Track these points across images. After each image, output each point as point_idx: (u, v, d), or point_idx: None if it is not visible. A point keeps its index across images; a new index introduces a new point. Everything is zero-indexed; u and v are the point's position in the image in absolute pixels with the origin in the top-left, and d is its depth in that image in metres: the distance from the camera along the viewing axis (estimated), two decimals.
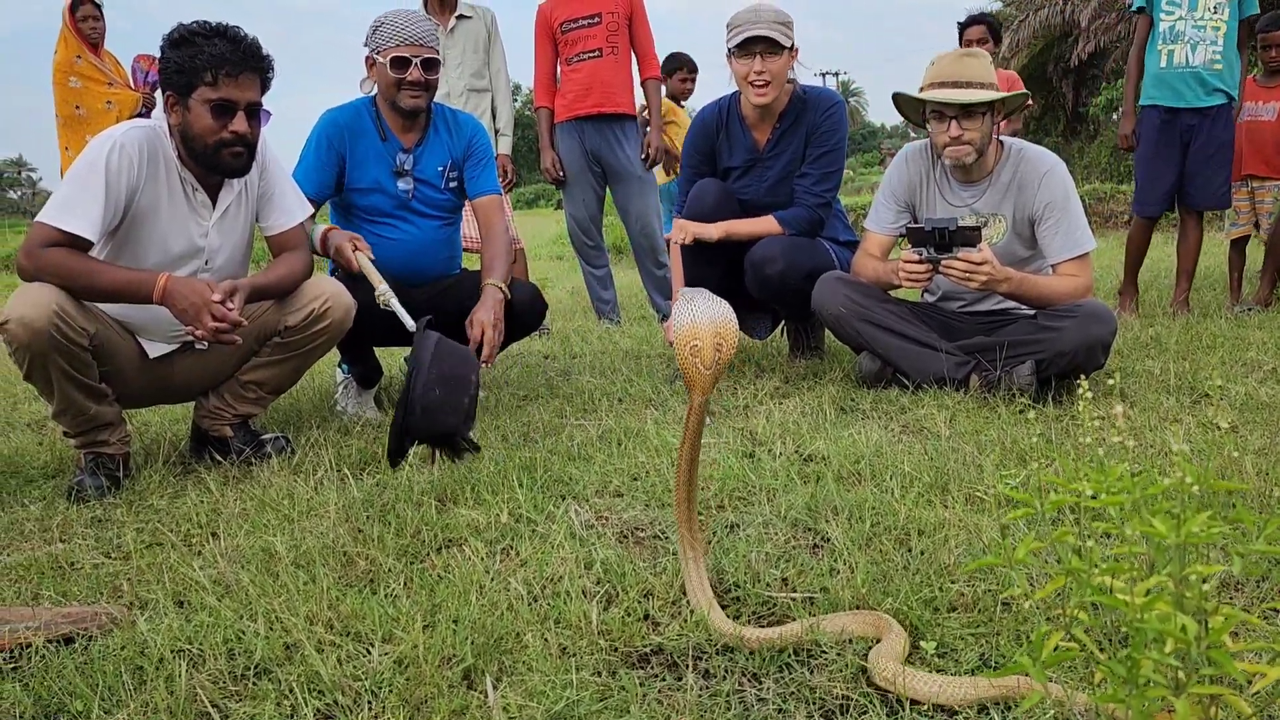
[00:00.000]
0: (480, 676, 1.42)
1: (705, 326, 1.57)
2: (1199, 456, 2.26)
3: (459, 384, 2.56)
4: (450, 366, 2.56)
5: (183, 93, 2.50)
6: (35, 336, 2.32)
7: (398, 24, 3.17)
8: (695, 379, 1.59)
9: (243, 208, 2.75)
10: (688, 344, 1.58)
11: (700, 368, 1.58)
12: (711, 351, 1.57)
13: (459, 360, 2.63)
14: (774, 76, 3.40)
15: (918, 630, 1.49)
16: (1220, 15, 4.60)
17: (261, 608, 1.65)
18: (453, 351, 2.62)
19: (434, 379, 2.50)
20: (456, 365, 2.60)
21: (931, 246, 3.02)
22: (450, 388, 2.53)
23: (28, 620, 1.61)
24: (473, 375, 2.63)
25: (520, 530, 2.01)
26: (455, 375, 2.57)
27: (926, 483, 2.17)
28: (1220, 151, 4.67)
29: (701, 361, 1.58)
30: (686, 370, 1.60)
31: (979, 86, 3.11)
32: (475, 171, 3.36)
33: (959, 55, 3.18)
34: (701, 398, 1.60)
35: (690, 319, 1.59)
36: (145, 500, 2.43)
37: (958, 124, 3.12)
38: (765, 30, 3.35)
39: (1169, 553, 0.78)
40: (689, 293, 1.65)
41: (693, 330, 1.58)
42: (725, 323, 1.59)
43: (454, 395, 2.55)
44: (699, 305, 1.60)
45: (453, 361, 2.59)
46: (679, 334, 1.59)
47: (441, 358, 2.56)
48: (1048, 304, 3.09)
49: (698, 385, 1.59)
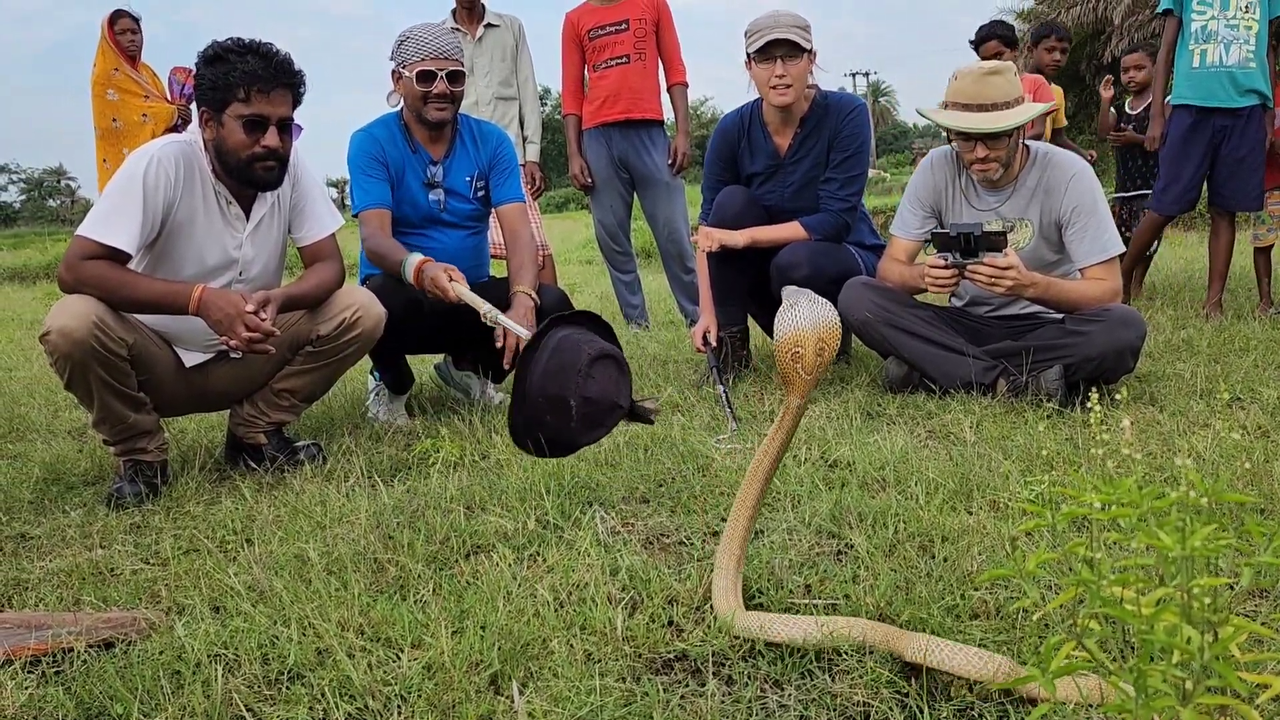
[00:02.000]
0: (507, 682, 1.45)
1: (808, 331, 1.55)
2: (1226, 461, 2.24)
3: (560, 409, 2.15)
4: (549, 388, 2.16)
5: (217, 108, 2.56)
6: (76, 347, 2.39)
7: (423, 38, 3.22)
8: (795, 382, 1.56)
9: (276, 219, 2.80)
10: (789, 350, 1.55)
11: (801, 373, 1.55)
12: (814, 356, 1.55)
13: (557, 380, 2.17)
14: (795, 79, 3.42)
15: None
16: (1252, 14, 4.55)
17: (294, 613, 1.69)
18: (555, 369, 2.18)
19: (542, 404, 2.16)
20: (554, 386, 2.16)
21: (957, 251, 3.02)
22: (554, 412, 2.15)
23: (69, 625, 1.65)
24: (569, 395, 2.13)
25: (547, 537, 2.04)
26: (555, 398, 2.15)
27: (951, 489, 2.18)
28: (1253, 153, 4.62)
29: (803, 366, 1.55)
30: (786, 374, 1.57)
31: (1004, 106, 3.09)
32: (500, 180, 3.40)
33: (981, 74, 3.13)
34: (800, 400, 1.57)
35: (793, 324, 1.56)
36: (182, 507, 2.49)
37: (983, 146, 3.11)
38: (785, 34, 3.37)
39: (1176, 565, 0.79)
40: (792, 293, 1.62)
41: (796, 336, 1.55)
42: (828, 325, 1.56)
43: (559, 419, 2.14)
44: (802, 309, 1.57)
45: (552, 383, 2.17)
46: (780, 340, 1.56)
47: (548, 377, 2.17)
48: (1075, 308, 3.08)
49: (797, 389, 1.57)
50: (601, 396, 2.15)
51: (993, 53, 5.41)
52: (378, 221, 3.22)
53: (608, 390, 2.17)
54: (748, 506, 1.64)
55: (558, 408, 2.13)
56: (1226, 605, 0.84)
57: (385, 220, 3.24)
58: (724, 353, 3.61)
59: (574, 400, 2.12)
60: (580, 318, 2.30)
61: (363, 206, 3.24)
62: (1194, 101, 4.63)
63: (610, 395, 2.17)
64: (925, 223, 3.39)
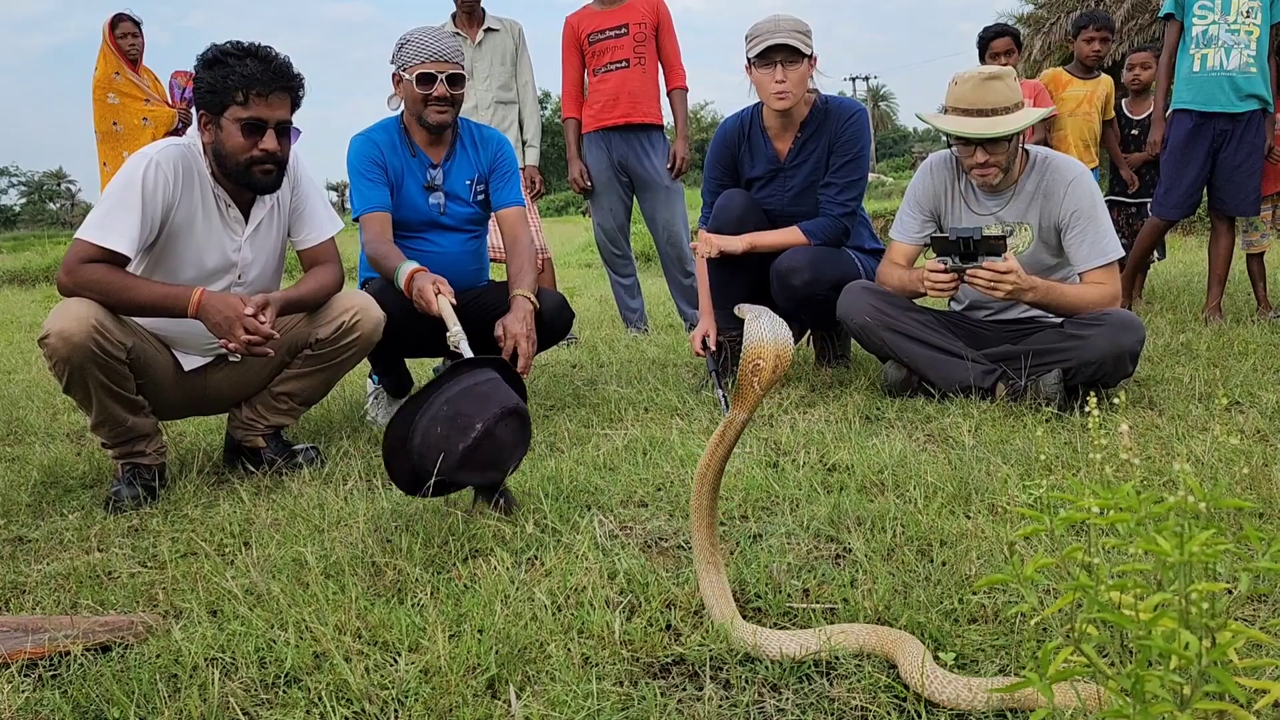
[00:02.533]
0: (504, 686, 1.45)
1: (769, 347, 1.57)
2: (1225, 466, 2.24)
3: (460, 426, 2.18)
4: (465, 407, 2.21)
5: (215, 112, 2.56)
6: (75, 350, 2.39)
7: (423, 41, 3.22)
8: (748, 396, 1.59)
9: (275, 223, 2.80)
10: (752, 360, 1.58)
11: (757, 386, 1.58)
12: (770, 372, 1.58)
13: (478, 404, 2.24)
14: (794, 84, 3.42)
15: (938, 642, 1.50)
16: (1253, 19, 4.55)
17: (292, 617, 1.69)
18: (478, 395, 2.26)
19: (440, 415, 2.20)
20: (469, 407, 2.22)
21: (956, 256, 3.02)
22: (451, 427, 2.18)
23: (66, 629, 1.65)
24: (480, 424, 2.18)
25: (545, 540, 2.04)
26: (461, 414, 2.20)
27: (949, 493, 2.18)
28: (1251, 158, 4.63)
29: (760, 381, 1.58)
30: (743, 385, 1.60)
31: (1004, 111, 3.09)
32: (500, 184, 3.41)
33: (981, 79, 3.13)
34: (746, 414, 1.60)
35: (759, 338, 1.58)
36: (180, 510, 2.48)
37: (983, 151, 3.11)
38: (785, 39, 3.37)
39: (1174, 570, 0.79)
40: (754, 310, 1.65)
41: (759, 349, 1.58)
42: (785, 345, 1.60)
43: (452, 437, 2.17)
44: (764, 322, 1.60)
45: (470, 404, 2.22)
46: (746, 349, 1.59)
47: (463, 397, 2.23)
48: (1074, 312, 3.08)
49: (748, 401, 1.59)
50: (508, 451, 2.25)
51: (1003, 49, 5.37)
52: (378, 226, 3.22)
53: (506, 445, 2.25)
54: (703, 519, 1.64)
55: (454, 425, 2.20)
56: (1225, 611, 0.83)
57: (386, 225, 3.23)
58: (723, 357, 3.61)
59: (479, 425, 2.19)
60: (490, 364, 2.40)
61: (362, 210, 3.24)
62: (1194, 106, 4.64)
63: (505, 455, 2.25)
64: (925, 227, 3.39)
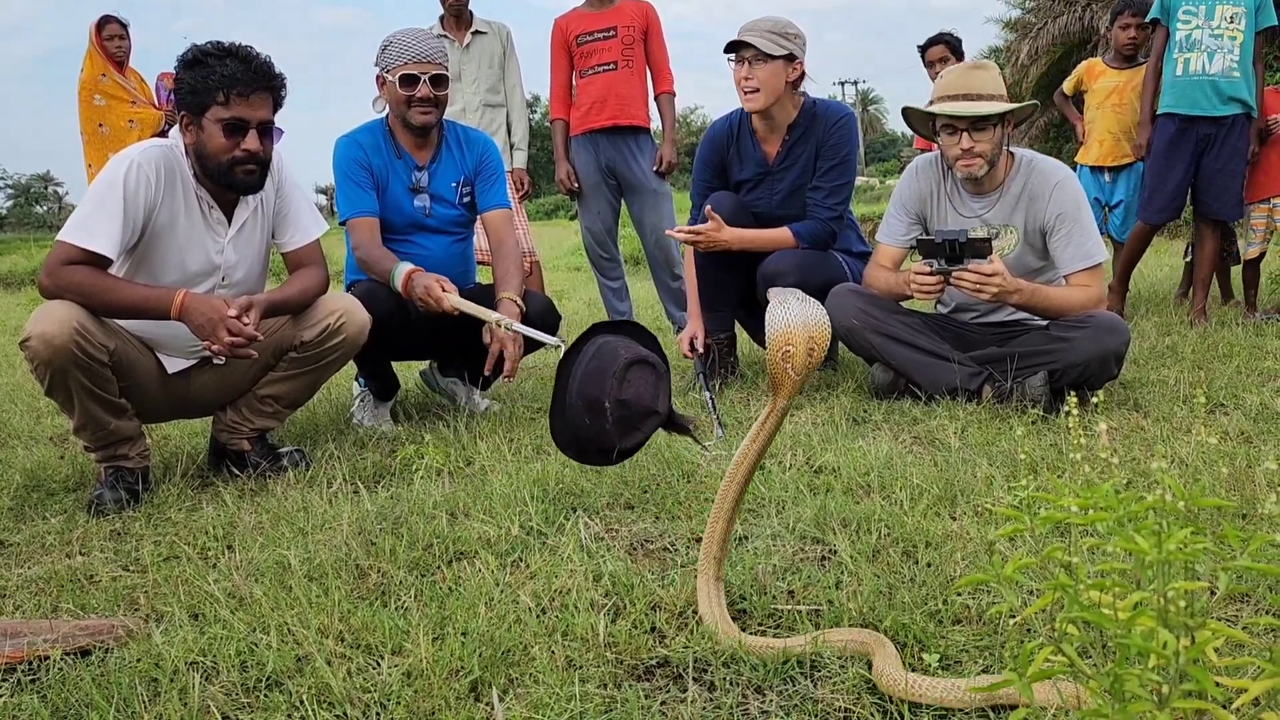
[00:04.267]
0: (487, 689, 1.44)
1: (799, 330, 1.52)
2: (1207, 466, 2.25)
3: (596, 411, 2.07)
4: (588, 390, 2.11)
5: (196, 112, 2.55)
6: (56, 353, 2.37)
7: (406, 42, 3.21)
8: (784, 383, 1.53)
9: (258, 225, 2.79)
10: (780, 349, 1.52)
11: (791, 372, 1.53)
12: (804, 356, 1.52)
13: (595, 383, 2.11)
14: (762, 84, 3.41)
15: (922, 643, 1.50)
16: (1237, 25, 4.58)
17: (274, 620, 1.67)
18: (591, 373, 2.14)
19: (580, 409, 2.11)
20: (592, 388, 2.10)
21: (942, 258, 3.03)
22: (592, 414, 2.08)
23: (45, 633, 1.64)
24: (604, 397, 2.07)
25: (530, 543, 2.03)
26: (593, 400, 2.08)
27: (935, 495, 2.18)
28: (1233, 161, 4.65)
29: (793, 366, 1.52)
30: (776, 374, 1.54)
31: (989, 98, 3.12)
32: (486, 186, 3.40)
33: (968, 68, 3.19)
34: (786, 400, 1.55)
35: (784, 322, 1.53)
36: (163, 513, 2.47)
37: (968, 136, 3.13)
38: (750, 36, 3.39)
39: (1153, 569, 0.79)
40: (781, 293, 1.59)
41: (787, 334, 1.52)
42: (819, 325, 1.54)
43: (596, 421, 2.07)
44: (793, 307, 1.54)
45: (590, 385, 2.11)
46: (772, 338, 1.54)
47: (586, 380, 2.12)
48: (1060, 315, 3.09)
49: (785, 389, 1.54)
50: (636, 400, 2.14)
51: (938, 58, 5.53)
52: (368, 231, 3.21)
53: (643, 395, 2.15)
54: (726, 509, 1.62)
55: (594, 410, 2.12)
56: (1205, 610, 0.83)
57: (374, 229, 3.23)
58: (711, 359, 3.61)
59: (609, 402, 2.12)
60: (623, 327, 2.29)
61: (350, 214, 3.23)
62: (1178, 110, 4.66)
63: (645, 400, 2.16)
64: (911, 229, 3.40)
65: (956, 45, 5.66)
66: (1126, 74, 5.28)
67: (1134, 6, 5.25)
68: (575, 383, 2.10)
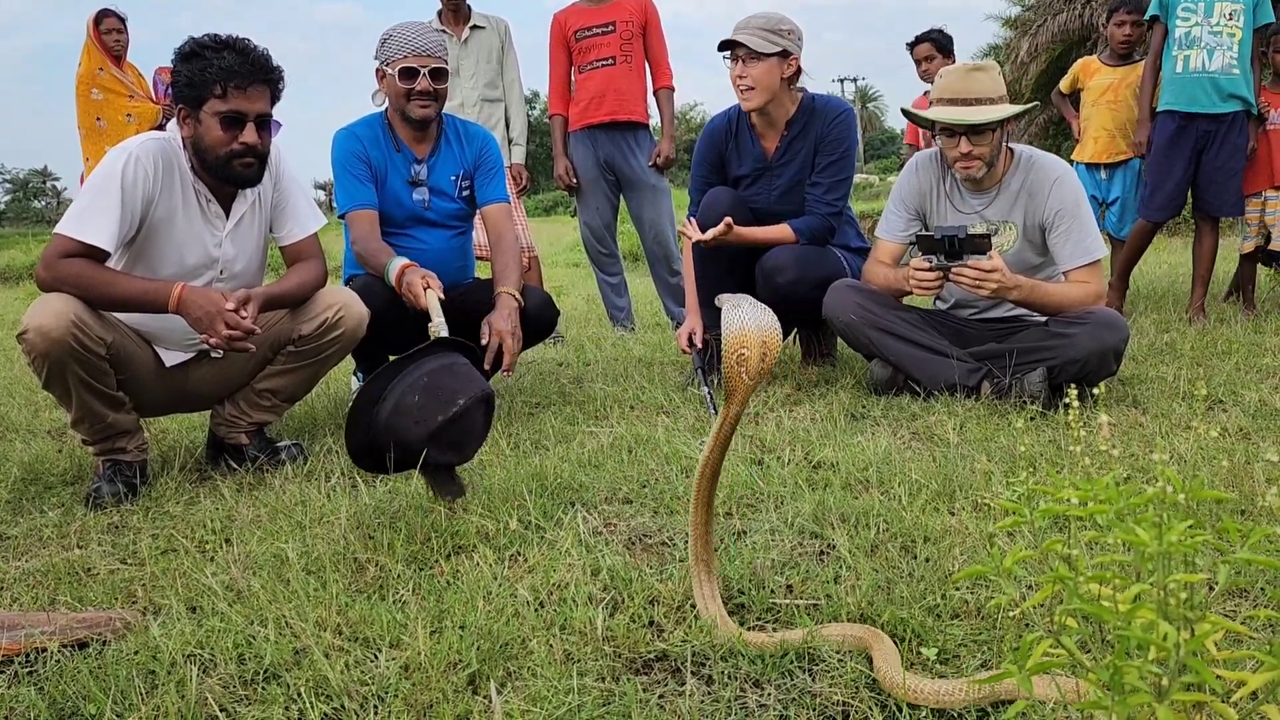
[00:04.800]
0: (485, 682, 1.44)
1: (753, 334, 1.54)
2: (1206, 462, 2.25)
3: (441, 399, 2.19)
4: (444, 381, 2.23)
5: (193, 105, 2.54)
6: (54, 346, 2.36)
7: (405, 35, 3.21)
8: (737, 387, 1.56)
9: (256, 218, 2.78)
10: (735, 352, 1.54)
11: (745, 376, 1.55)
12: (758, 361, 1.54)
13: (463, 377, 2.27)
14: (756, 82, 3.41)
15: (920, 638, 1.50)
16: (1235, 22, 4.57)
17: (272, 613, 1.67)
18: (459, 374, 2.28)
19: (423, 384, 2.19)
20: (450, 380, 2.24)
21: (941, 254, 3.02)
22: (431, 398, 2.19)
23: (43, 625, 1.63)
24: (462, 399, 2.21)
25: (529, 537, 2.03)
26: (446, 388, 2.22)
27: (934, 490, 2.18)
28: (1233, 159, 4.65)
29: (747, 370, 1.54)
30: (730, 378, 1.56)
31: (988, 102, 3.10)
32: (485, 180, 3.39)
33: (967, 70, 3.16)
34: (739, 407, 1.57)
35: (739, 326, 1.55)
36: (161, 507, 2.46)
37: (967, 141, 3.11)
38: (742, 35, 3.39)
39: (1153, 561, 0.79)
40: (734, 298, 1.61)
41: (740, 338, 1.54)
42: (771, 331, 1.56)
43: (429, 407, 2.18)
44: (745, 311, 1.56)
45: (450, 378, 2.25)
46: (727, 341, 1.56)
47: (441, 373, 2.24)
48: (1059, 311, 3.09)
49: (739, 394, 1.56)
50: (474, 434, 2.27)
51: (924, 55, 5.56)
52: (366, 224, 3.20)
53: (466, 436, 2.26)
54: (700, 514, 1.64)
55: (438, 396, 2.20)
56: (1203, 603, 0.83)
57: (373, 223, 3.22)
58: (709, 354, 3.61)
59: (462, 401, 2.21)
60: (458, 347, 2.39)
61: (348, 208, 3.22)
62: (1177, 107, 4.66)
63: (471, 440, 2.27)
64: (910, 225, 3.39)
65: (944, 43, 5.66)
66: (1121, 71, 5.28)
67: (1130, 4, 5.24)
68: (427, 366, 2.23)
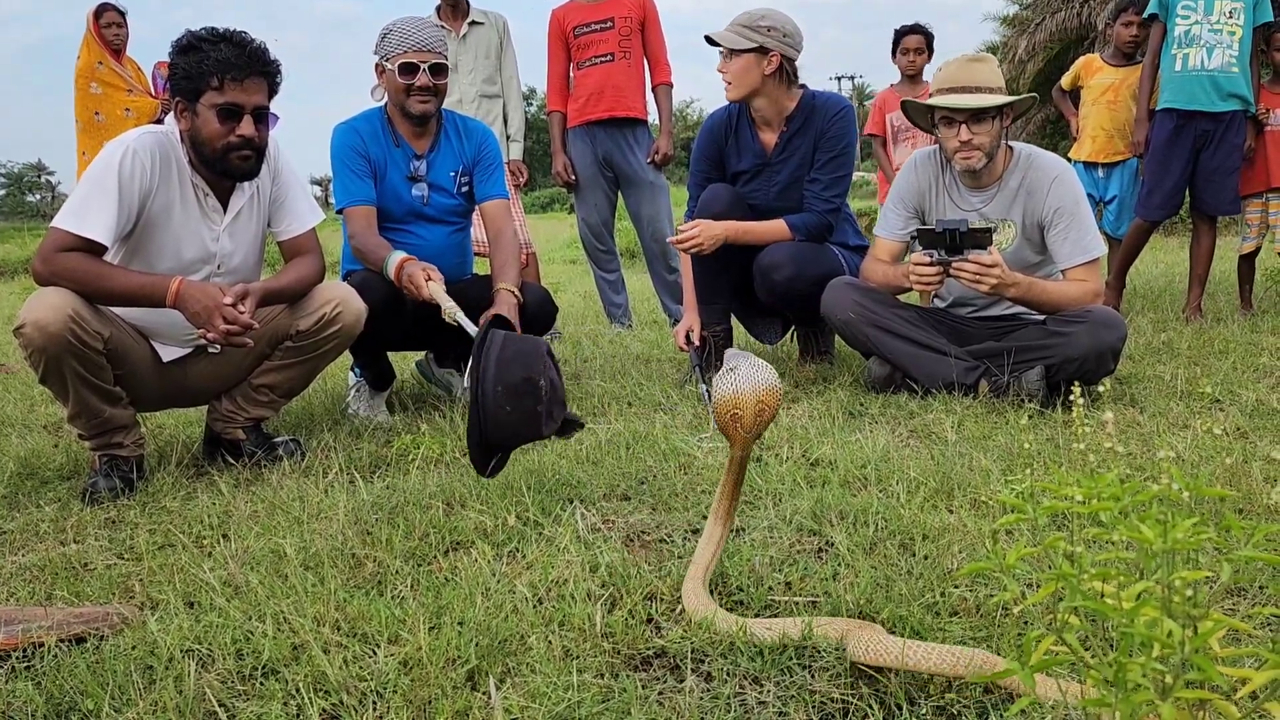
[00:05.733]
0: (484, 678, 1.43)
1: (748, 394, 1.60)
2: (1205, 461, 2.25)
3: (526, 391, 2.21)
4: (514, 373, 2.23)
5: (191, 98, 2.53)
6: (51, 340, 2.36)
7: (406, 31, 3.20)
8: (736, 439, 1.63)
9: (254, 212, 2.77)
10: (729, 411, 1.61)
11: (741, 431, 1.62)
12: (753, 417, 1.61)
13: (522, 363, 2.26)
14: (734, 77, 3.46)
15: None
16: (1235, 20, 4.57)
17: (270, 609, 1.67)
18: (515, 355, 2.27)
19: (501, 395, 2.20)
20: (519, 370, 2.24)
21: (942, 248, 3.02)
22: (517, 398, 2.20)
23: (40, 620, 1.63)
24: (538, 375, 2.22)
25: (527, 533, 2.03)
26: (521, 382, 2.22)
27: (932, 488, 2.18)
28: (1231, 158, 4.65)
29: (742, 426, 1.61)
30: (727, 431, 1.63)
31: (988, 91, 3.11)
32: (484, 176, 3.39)
33: (966, 60, 3.18)
34: (741, 453, 1.64)
35: (733, 389, 1.61)
36: (158, 502, 2.46)
37: (967, 129, 3.12)
38: (718, 33, 3.45)
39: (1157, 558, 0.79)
40: (732, 357, 1.68)
41: (735, 400, 1.61)
42: (769, 388, 1.62)
43: (523, 405, 2.21)
44: (741, 373, 1.62)
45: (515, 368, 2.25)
46: (720, 403, 1.62)
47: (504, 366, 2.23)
48: (1057, 309, 3.09)
49: (738, 443, 1.63)
50: (559, 384, 2.21)
51: (914, 46, 5.58)
52: (365, 220, 3.20)
53: (558, 382, 2.24)
54: (713, 543, 1.68)
55: (520, 393, 2.17)
56: (1206, 600, 0.83)
57: (371, 218, 3.22)
58: (707, 352, 3.61)
59: (543, 381, 2.18)
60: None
61: (347, 203, 3.22)
62: (1176, 105, 4.66)
63: (560, 389, 2.23)
64: (909, 223, 3.39)
65: (931, 38, 5.68)
66: (1123, 72, 5.27)
67: (1139, 4, 5.23)
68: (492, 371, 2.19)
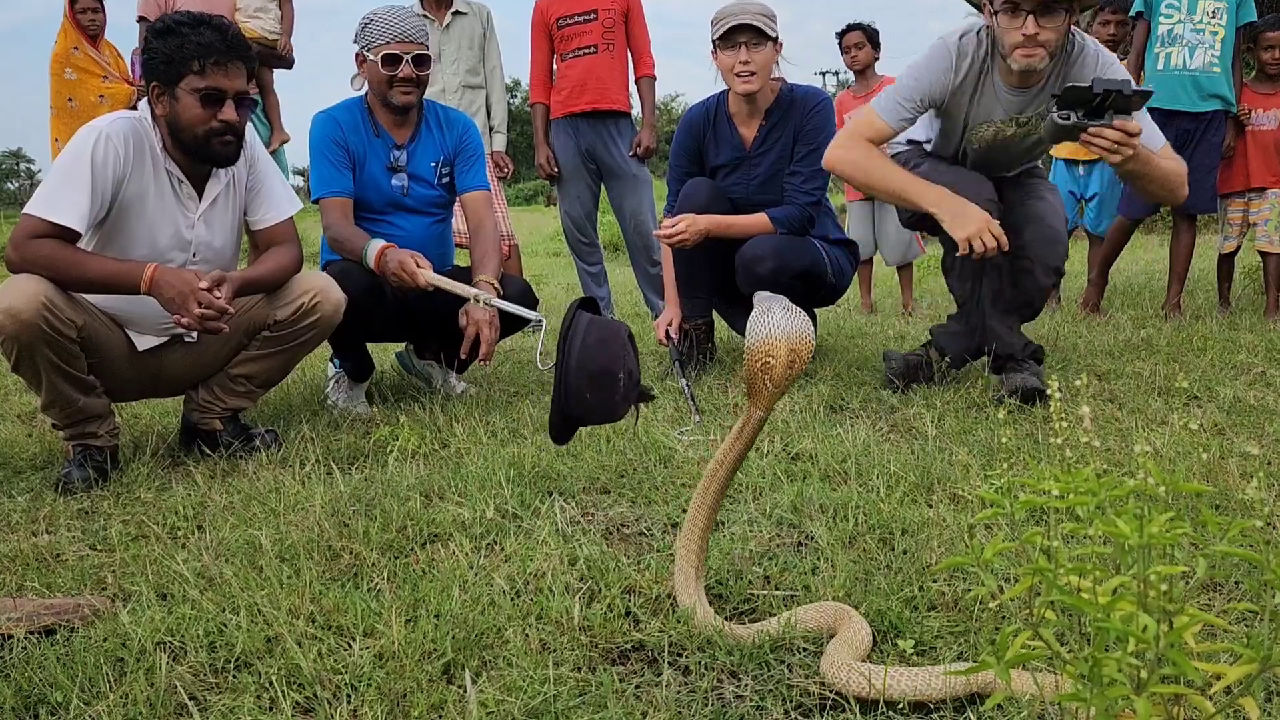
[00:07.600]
0: (460, 671, 1.42)
1: (781, 342, 1.46)
2: (1182, 457, 2.26)
3: (606, 383, 2.09)
4: (596, 361, 2.09)
5: (169, 82, 2.50)
6: (23, 328, 2.32)
7: (388, 21, 3.17)
8: (761, 394, 1.48)
9: (230, 201, 2.74)
10: (760, 360, 1.47)
11: (769, 384, 1.47)
12: (784, 369, 1.46)
13: (604, 351, 2.11)
14: (759, 67, 3.42)
15: (897, 629, 1.50)
16: (1219, 20, 4.60)
17: (244, 601, 1.65)
18: (598, 342, 2.12)
19: (584, 380, 2.08)
20: (602, 359, 2.10)
21: (1082, 110, 2.65)
22: (597, 387, 2.08)
23: (10, 611, 1.61)
24: (618, 368, 2.09)
25: (505, 526, 2.02)
26: (601, 372, 2.09)
27: (912, 482, 2.18)
28: (1209, 156, 4.68)
29: (772, 379, 1.47)
30: (753, 384, 1.48)
31: None
32: (465, 167, 3.36)
33: None
34: (763, 413, 1.50)
35: (766, 333, 1.47)
36: (132, 493, 2.43)
37: (1035, 21, 2.73)
38: (750, 19, 3.38)
39: (1133, 553, 0.79)
40: (767, 299, 1.52)
41: (768, 346, 1.46)
42: (802, 336, 1.47)
43: (602, 393, 2.07)
44: (777, 316, 1.48)
45: (598, 355, 2.10)
46: (752, 348, 1.48)
47: (588, 352, 2.09)
48: (1167, 183, 2.88)
49: (761, 400, 1.49)
50: (637, 371, 2.15)
51: (854, 43, 5.63)
52: (340, 211, 3.17)
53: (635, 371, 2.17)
54: (703, 515, 1.59)
55: (600, 384, 2.10)
56: (1182, 595, 0.83)
57: (347, 209, 3.19)
58: (688, 345, 3.60)
59: (621, 373, 2.12)
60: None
61: (323, 194, 3.18)
62: (1158, 104, 4.67)
63: (637, 374, 2.18)
64: (915, 116, 3.02)
65: (873, 34, 5.71)
66: None
67: (1115, 2, 5.24)
68: (576, 355, 2.09)
